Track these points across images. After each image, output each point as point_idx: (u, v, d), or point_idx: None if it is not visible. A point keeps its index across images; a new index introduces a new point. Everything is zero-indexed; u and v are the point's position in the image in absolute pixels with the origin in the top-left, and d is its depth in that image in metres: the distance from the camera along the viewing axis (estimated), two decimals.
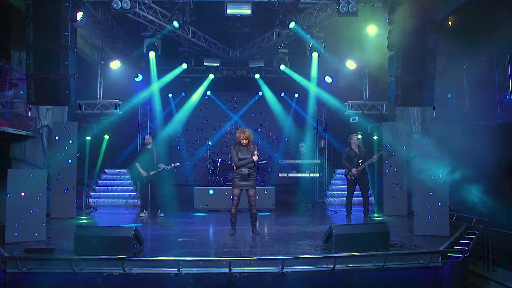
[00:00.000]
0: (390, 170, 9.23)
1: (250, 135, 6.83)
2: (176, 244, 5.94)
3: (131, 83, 11.70)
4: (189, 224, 8.19)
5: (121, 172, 12.79)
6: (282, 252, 5.29)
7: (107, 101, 10.17)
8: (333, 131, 13.76)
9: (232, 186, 6.87)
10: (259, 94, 13.71)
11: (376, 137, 10.44)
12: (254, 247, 5.65)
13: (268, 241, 6.16)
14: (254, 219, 6.96)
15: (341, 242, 5.15)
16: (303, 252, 5.32)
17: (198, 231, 7.24)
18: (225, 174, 11.36)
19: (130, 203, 11.81)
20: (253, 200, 6.88)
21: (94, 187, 11.98)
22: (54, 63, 5.60)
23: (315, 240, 6.12)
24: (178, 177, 13.74)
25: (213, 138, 13.91)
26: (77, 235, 5.02)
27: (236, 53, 11.28)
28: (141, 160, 9.34)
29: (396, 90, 5.96)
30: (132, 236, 4.98)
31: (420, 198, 6.37)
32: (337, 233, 5.16)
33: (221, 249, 5.52)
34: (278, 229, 7.35)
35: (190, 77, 12.95)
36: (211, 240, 6.29)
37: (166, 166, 9.45)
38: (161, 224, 8.14)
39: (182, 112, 13.66)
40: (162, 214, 9.28)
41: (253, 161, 6.78)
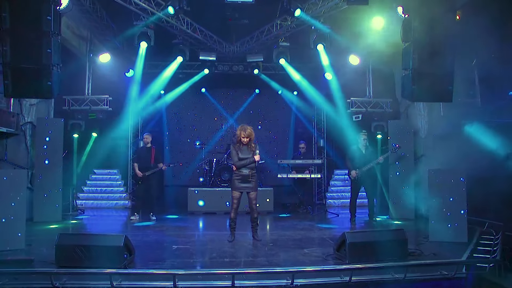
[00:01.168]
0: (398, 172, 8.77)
1: (252, 132, 6.30)
2: (171, 252, 5.37)
3: (121, 78, 11.07)
4: (183, 229, 7.62)
5: (111, 172, 12.16)
6: (289, 262, 4.76)
7: (96, 96, 9.54)
8: (333, 130, 13.30)
9: (232, 188, 6.34)
10: (255, 92, 13.18)
11: (380, 136, 9.96)
12: (258, 256, 5.11)
13: (271, 248, 5.62)
14: (255, 224, 6.42)
15: (355, 251, 4.64)
16: (312, 261, 4.80)
17: (193, 237, 6.69)
18: (221, 174, 10.78)
19: (121, 205, 11.22)
20: (255, 204, 6.35)
21: (82, 188, 11.34)
22: (34, 51, 4.98)
23: (323, 247, 5.61)
24: (169, 178, 13.16)
25: (207, 137, 13.35)
26: (59, 244, 4.43)
27: (232, 47, 10.71)
28: (139, 159, 8.75)
29: (412, 84, 5.45)
30: (121, 246, 4.40)
31: (437, 203, 5.88)
32: (351, 241, 4.64)
33: (221, 259, 4.97)
34: (280, 235, 6.82)
35: (184, 73, 12.32)
36: (209, 247, 5.74)
37: (164, 165, 8.86)
38: (154, 228, 7.56)
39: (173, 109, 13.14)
40: (154, 217, 8.71)
41: (254, 161, 6.25)
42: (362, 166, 8.35)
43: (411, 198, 8.75)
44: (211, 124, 13.70)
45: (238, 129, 6.33)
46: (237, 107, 13.82)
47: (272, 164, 12.38)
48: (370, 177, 8.46)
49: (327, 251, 5.34)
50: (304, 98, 13.16)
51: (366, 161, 8.37)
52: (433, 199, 5.94)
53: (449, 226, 5.78)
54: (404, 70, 5.77)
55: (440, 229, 5.84)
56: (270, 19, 9.13)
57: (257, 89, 13.10)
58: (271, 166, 12.19)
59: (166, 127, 13.35)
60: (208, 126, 13.66)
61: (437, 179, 5.95)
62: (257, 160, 6.26)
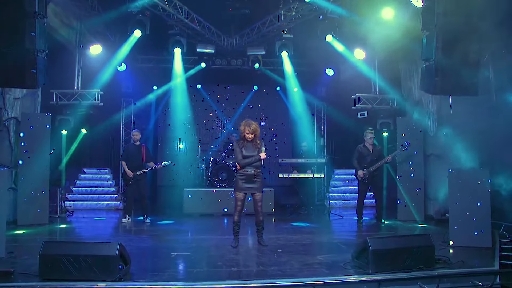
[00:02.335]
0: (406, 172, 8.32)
1: (257, 128, 5.79)
2: (170, 261, 4.83)
3: (113, 73, 10.46)
4: (181, 233, 7.08)
5: (102, 171, 11.55)
6: (306, 272, 4.25)
7: (86, 90, 8.91)
8: (334, 128, 12.86)
9: (235, 189, 5.82)
10: (254, 88, 12.66)
11: (386, 134, 9.52)
12: (268, 264, 4.59)
13: (281, 255, 5.10)
14: (261, 227, 5.91)
15: (379, 259, 4.15)
16: (331, 271, 4.29)
17: (193, 242, 6.15)
18: (218, 174, 10.24)
19: (112, 206, 10.62)
20: (260, 206, 5.84)
21: (71, 188, 10.71)
22: (16, 34, 4.40)
23: (338, 254, 5.12)
24: (163, 177, 12.59)
25: (203, 135, 12.81)
26: (44, 254, 3.86)
27: (231, 40, 10.17)
28: (128, 158, 8.17)
29: (435, 75, 4.98)
30: (116, 255, 3.85)
31: (460, 206, 5.42)
32: (375, 249, 4.15)
33: (228, 268, 4.44)
34: (287, 239, 6.31)
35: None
36: (212, 254, 5.20)
37: (156, 164, 8.30)
38: (149, 232, 7.00)
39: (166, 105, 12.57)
40: (149, 220, 8.16)
41: (260, 160, 5.74)
42: (369, 165, 7.90)
43: (421, 199, 8.33)
44: (207, 122, 13.17)
45: (242, 124, 5.81)
46: (235, 104, 13.31)
47: (272, 163, 11.89)
48: (378, 177, 8.00)
49: (343, 258, 4.86)
50: (304, 95, 12.73)
51: (374, 160, 7.92)
52: (456, 202, 5.47)
53: (473, 230, 5.32)
54: (425, 61, 5.30)
55: (462, 233, 5.38)
56: (272, 9, 8.60)
57: (256, 86, 12.59)
58: (270, 166, 11.70)
59: (159, 124, 12.78)
60: (203, 123, 13.13)
61: (460, 180, 5.48)
62: (263, 158, 5.75)
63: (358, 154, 8.06)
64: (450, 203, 5.61)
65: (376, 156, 7.99)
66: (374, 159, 7.94)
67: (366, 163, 7.95)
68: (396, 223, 7.97)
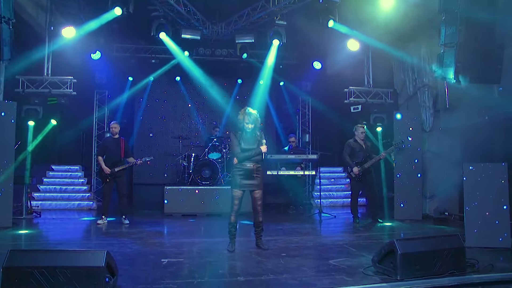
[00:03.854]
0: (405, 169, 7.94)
1: (258, 118, 5.19)
2: (163, 269, 4.13)
3: (86, 60, 9.56)
4: (166, 236, 6.37)
5: (72, 168, 10.62)
6: (324, 280, 3.68)
7: (58, 78, 7.97)
8: (319, 124, 12.44)
9: (232, 186, 5.19)
10: (238, 82, 12.01)
11: (380, 129, 9.13)
12: (278, 272, 3.99)
13: (288, 260, 4.52)
14: (260, 229, 5.31)
15: (409, 264, 3.65)
16: (353, 278, 3.74)
17: (183, 246, 5.45)
18: (201, 171, 9.54)
19: (84, 206, 9.74)
20: (260, 205, 5.25)
21: (38, 187, 9.71)
22: None
23: (351, 257, 4.60)
24: (139, 175, 11.76)
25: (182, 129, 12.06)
26: (9, 266, 3.09)
27: (216, 28, 9.49)
28: (105, 153, 7.36)
29: (456, 61, 4.54)
30: (102, 266, 3.14)
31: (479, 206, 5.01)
32: (404, 252, 3.64)
33: (234, 277, 3.79)
34: (287, 241, 5.74)
35: (158, 58, 11.00)
36: (209, 260, 4.54)
37: (136, 160, 7.52)
38: (129, 235, 6.23)
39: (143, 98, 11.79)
40: (127, 221, 7.39)
41: (261, 153, 5.13)
42: (363, 162, 7.45)
43: (419, 197, 7.97)
44: (187, 116, 12.43)
45: (241, 113, 5.19)
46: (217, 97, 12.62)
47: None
48: (371, 174, 7.57)
49: (358, 262, 4.36)
50: (289, 89, 12.25)
51: (367, 156, 7.49)
52: (473, 202, 5.04)
53: (494, 231, 4.92)
54: (443, 46, 4.85)
55: (481, 233, 4.98)
56: None
57: (240, 79, 11.94)
58: None
59: (135, 117, 11.90)
60: (183, 117, 12.38)
61: (478, 177, 5.06)
62: (264, 151, 5.15)
63: (350, 149, 7.58)
64: (466, 203, 5.16)
65: (368, 152, 7.57)
66: (366, 155, 7.51)
67: (359, 159, 7.50)
68: (394, 222, 7.57)
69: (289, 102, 12.40)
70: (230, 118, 12.43)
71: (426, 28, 7.62)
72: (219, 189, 8.97)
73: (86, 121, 10.95)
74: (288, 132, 11.69)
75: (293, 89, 12.17)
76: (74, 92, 7.99)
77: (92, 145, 10.97)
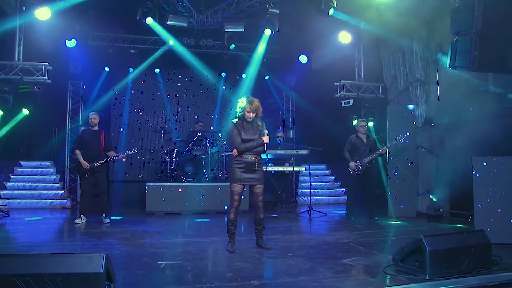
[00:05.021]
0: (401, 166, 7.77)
1: (259, 107, 4.81)
2: (163, 273, 3.66)
3: (60, 48, 8.84)
4: (154, 235, 5.84)
5: (43, 164, 9.83)
6: (346, 282, 3.34)
7: (30, 63, 7.23)
8: (303, 120, 12.17)
9: (231, 180, 4.78)
10: (222, 75, 11.54)
11: (371, 124, 8.94)
12: (294, 274, 3.60)
13: (298, 260, 4.15)
14: (261, 227, 4.93)
15: (437, 263, 3.37)
16: (376, 278, 3.43)
17: (176, 246, 4.98)
18: (184, 167, 9.03)
19: (57, 205, 9.02)
20: (261, 201, 4.88)
21: (5, 184, 8.89)
22: None
23: (362, 257, 4.31)
24: (116, 171, 11.10)
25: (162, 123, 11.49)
26: None
27: (202, 17, 9.00)
28: (83, 146, 6.75)
29: (473, 49, 4.32)
30: (101, 272, 2.65)
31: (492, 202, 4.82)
32: (433, 249, 3.36)
33: (246, 281, 3.37)
34: (287, 240, 5.42)
35: (137, 48, 10.39)
36: (212, 262, 4.13)
37: (118, 154, 6.94)
38: (113, 235, 5.69)
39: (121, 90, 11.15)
40: (108, 220, 6.82)
41: (263, 144, 4.75)
42: (363, 157, 7.21)
43: (413, 194, 7.83)
44: (168, 110, 11.87)
45: (242, 101, 4.78)
46: (199, 90, 12.13)
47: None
48: (371, 170, 7.34)
49: (374, 260, 4.09)
50: (275, 83, 11.92)
51: (368, 152, 7.25)
52: (485, 198, 4.84)
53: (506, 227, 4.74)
54: (457, 34, 4.62)
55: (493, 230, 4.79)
56: None
57: (224, 72, 11.47)
58: None
59: (113, 110, 11.21)
60: (164, 111, 11.81)
61: (490, 172, 4.87)
62: (266, 142, 4.78)
63: (351, 145, 7.34)
64: (476, 199, 4.96)
65: (370, 148, 7.33)
66: (368, 151, 7.27)
67: (359, 154, 7.26)
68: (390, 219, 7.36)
69: (274, 97, 12.06)
70: (214, 112, 12.06)
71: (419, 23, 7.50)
72: (204, 186, 8.52)
73: (58, 113, 10.17)
74: (274, 127, 11.34)
75: (278, 83, 11.85)
76: (49, 80, 7.29)
77: (65, 140, 10.19)
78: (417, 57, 8.38)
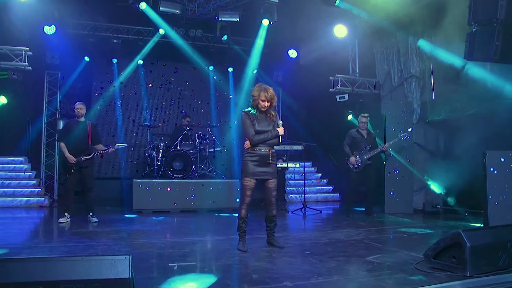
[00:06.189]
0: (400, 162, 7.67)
1: (274, 95, 4.50)
2: (178, 276, 3.30)
3: (37, 34, 8.19)
4: (153, 235, 5.42)
5: (16, 160, 9.15)
6: (385, 280, 3.10)
7: (8, 48, 6.59)
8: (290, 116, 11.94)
9: (243, 174, 4.46)
10: (210, 68, 11.12)
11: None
12: (325, 274, 3.32)
13: (320, 259, 3.88)
14: (274, 224, 4.65)
15: (477, 258, 3.20)
16: (411, 275, 3.21)
17: (181, 246, 4.59)
18: (172, 163, 8.59)
19: (34, 203, 8.38)
20: (274, 196, 4.58)
21: None
22: None
23: (383, 253, 4.12)
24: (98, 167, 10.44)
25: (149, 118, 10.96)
26: None
27: (192, 6, 8.59)
28: (69, 139, 6.22)
29: (495, 39, 4.19)
30: (128, 278, 2.28)
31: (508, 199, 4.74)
32: (473, 245, 3.18)
33: (279, 283, 3.05)
34: (297, 238, 5.19)
35: (120, 38, 9.82)
36: (228, 263, 3.77)
37: (108, 148, 6.44)
38: (108, 235, 5.23)
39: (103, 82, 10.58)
40: (96, 219, 6.34)
41: (278, 136, 4.46)
42: (363, 153, 7.06)
43: (410, 190, 7.75)
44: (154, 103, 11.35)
45: (256, 90, 4.46)
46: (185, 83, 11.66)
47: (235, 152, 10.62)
48: (371, 167, 7.19)
49: (400, 258, 3.91)
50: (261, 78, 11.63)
51: (368, 148, 7.11)
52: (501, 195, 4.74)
53: None
54: (476, 24, 4.49)
55: None
56: None
57: (212, 66, 11.06)
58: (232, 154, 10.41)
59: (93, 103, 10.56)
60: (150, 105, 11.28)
61: (507, 168, 4.78)
62: (282, 134, 4.49)
63: (351, 140, 7.17)
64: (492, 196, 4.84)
65: (370, 144, 7.19)
66: (368, 147, 7.13)
67: (359, 150, 7.11)
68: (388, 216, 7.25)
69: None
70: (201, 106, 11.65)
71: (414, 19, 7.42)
72: (194, 183, 8.16)
73: (33, 106, 9.47)
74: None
75: (265, 78, 11.56)
76: (29, 66, 6.68)
77: (42, 134, 9.50)
78: (413, 53, 8.32)
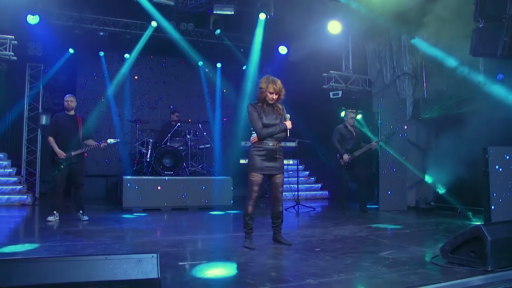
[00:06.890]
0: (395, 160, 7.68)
1: (282, 88, 4.38)
2: (193, 275, 3.14)
3: (19, 23, 7.78)
4: (151, 233, 5.22)
5: None
6: (410, 276, 3.03)
7: None
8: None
9: (250, 169, 4.32)
10: (199, 64, 10.89)
11: (360, 116, 8.81)
12: (345, 271, 3.21)
13: (334, 255, 3.79)
14: (280, 221, 4.54)
15: (498, 253, 3.18)
16: (433, 271, 3.16)
17: (183, 244, 4.42)
18: (162, 160, 8.36)
19: (16, 201, 8.01)
20: (281, 192, 4.48)
21: None
22: None
23: (394, 249, 4.06)
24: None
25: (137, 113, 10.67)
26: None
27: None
28: (58, 133, 5.91)
29: (504, 35, 4.20)
30: (157, 278, 2.12)
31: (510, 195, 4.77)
32: (493, 239, 3.15)
33: (301, 281, 2.92)
34: (301, 235, 5.07)
35: (107, 31, 9.47)
36: (242, 261, 3.61)
37: (99, 142, 6.16)
38: (104, 234, 4.98)
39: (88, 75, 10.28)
40: (86, 217, 6.08)
41: (286, 130, 4.35)
42: (353, 149, 7.04)
43: (404, 187, 7.79)
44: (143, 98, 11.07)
45: (263, 81, 4.32)
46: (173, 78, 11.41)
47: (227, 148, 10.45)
48: (361, 163, 7.18)
49: (413, 253, 3.87)
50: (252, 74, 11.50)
51: (357, 144, 7.11)
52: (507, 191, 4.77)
53: None
54: (483, 20, 4.49)
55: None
56: None
57: (201, 61, 10.83)
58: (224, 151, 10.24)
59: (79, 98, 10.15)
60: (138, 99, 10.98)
61: (510, 165, 4.82)
62: (290, 128, 4.37)
63: (340, 136, 7.14)
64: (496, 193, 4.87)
65: (359, 140, 7.19)
66: (357, 143, 7.12)
67: (348, 146, 7.09)
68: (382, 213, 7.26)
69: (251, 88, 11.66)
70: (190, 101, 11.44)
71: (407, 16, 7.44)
72: (185, 180, 7.97)
73: (14, 100, 9.03)
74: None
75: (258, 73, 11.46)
76: (14, 56, 6.32)
77: (23, 129, 9.08)
78: (406, 50, 8.36)
